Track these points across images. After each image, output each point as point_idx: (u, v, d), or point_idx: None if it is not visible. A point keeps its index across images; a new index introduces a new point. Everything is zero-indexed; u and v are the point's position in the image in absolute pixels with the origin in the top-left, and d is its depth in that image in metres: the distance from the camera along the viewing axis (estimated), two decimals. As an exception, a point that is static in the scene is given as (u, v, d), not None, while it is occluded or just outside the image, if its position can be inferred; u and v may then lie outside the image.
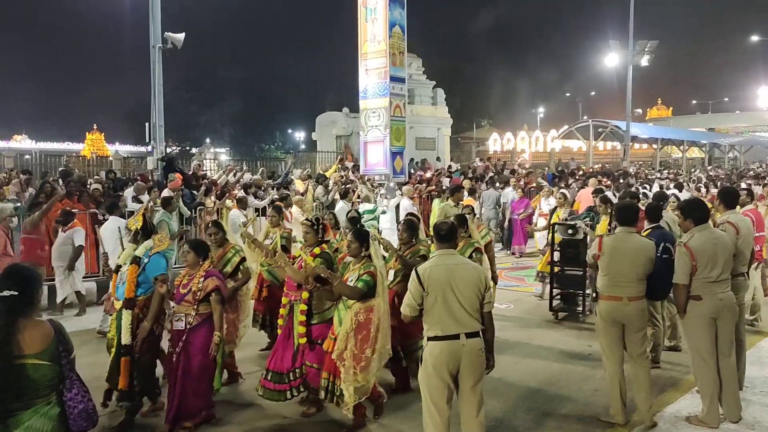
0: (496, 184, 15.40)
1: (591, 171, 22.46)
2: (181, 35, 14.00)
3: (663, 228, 5.95)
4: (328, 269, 4.75)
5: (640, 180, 19.28)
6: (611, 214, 7.43)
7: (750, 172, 27.87)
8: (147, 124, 14.64)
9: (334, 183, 13.17)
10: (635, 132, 31.33)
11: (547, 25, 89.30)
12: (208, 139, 50.02)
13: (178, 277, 5.04)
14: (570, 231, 7.92)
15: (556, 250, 8.17)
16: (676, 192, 12.29)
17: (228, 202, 10.82)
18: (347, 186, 12.55)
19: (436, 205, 11.37)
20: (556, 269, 8.17)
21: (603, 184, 15.34)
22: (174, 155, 20.41)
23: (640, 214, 5.49)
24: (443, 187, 14.26)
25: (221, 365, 4.99)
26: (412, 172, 18.43)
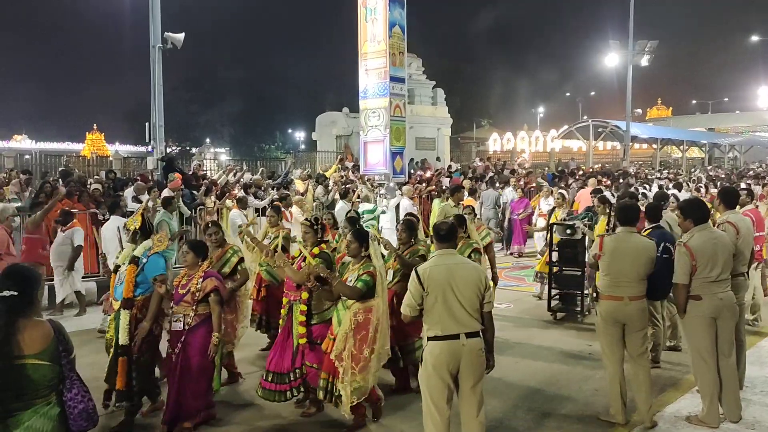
0: (495, 184, 15.41)
1: (591, 171, 22.45)
2: (181, 35, 14.00)
3: (663, 228, 5.95)
4: (327, 269, 4.75)
5: (639, 180, 19.28)
6: (609, 214, 7.43)
7: (750, 172, 27.88)
8: (147, 124, 14.65)
9: (334, 183, 13.16)
10: (635, 132, 31.34)
11: (547, 25, 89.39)
12: (208, 139, 50.03)
13: (177, 277, 5.04)
14: (568, 231, 7.91)
15: (554, 251, 8.17)
16: (676, 192, 12.30)
17: (228, 202, 10.82)
18: (347, 186, 12.54)
19: (436, 205, 11.36)
20: (554, 269, 8.18)
21: (603, 184, 15.35)
22: (174, 155, 20.42)
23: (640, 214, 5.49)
24: (443, 187, 14.26)
25: (220, 366, 4.99)
26: (412, 172, 18.43)
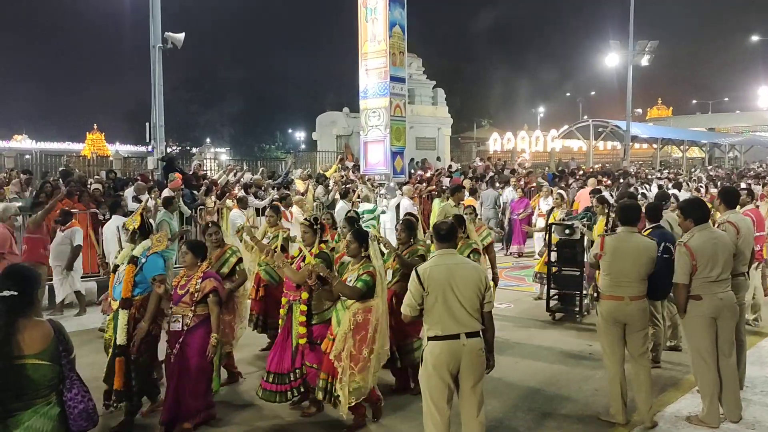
0: (495, 184, 15.40)
1: (591, 171, 22.45)
2: (181, 35, 13.99)
3: (663, 228, 5.95)
4: (326, 269, 4.74)
5: (640, 180, 19.28)
6: (608, 214, 7.42)
7: (750, 171, 27.88)
8: (147, 124, 14.65)
9: (334, 183, 13.16)
10: (635, 132, 31.35)
11: (547, 25, 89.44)
12: (208, 139, 50.03)
13: (176, 277, 5.03)
14: (567, 231, 7.89)
15: (553, 251, 8.15)
16: (676, 192, 12.30)
17: (228, 202, 10.83)
18: (347, 186, 12.54)
19: (437, 205, 11.36)
20: (553, 270, 8.16)
21: (603, 183, 15.34)
22: (174, 155, 20.42)
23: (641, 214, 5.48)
24: (443, 187, 14.26)
25: (219, 367, 4.98)
26: (413, 172, 18.43)
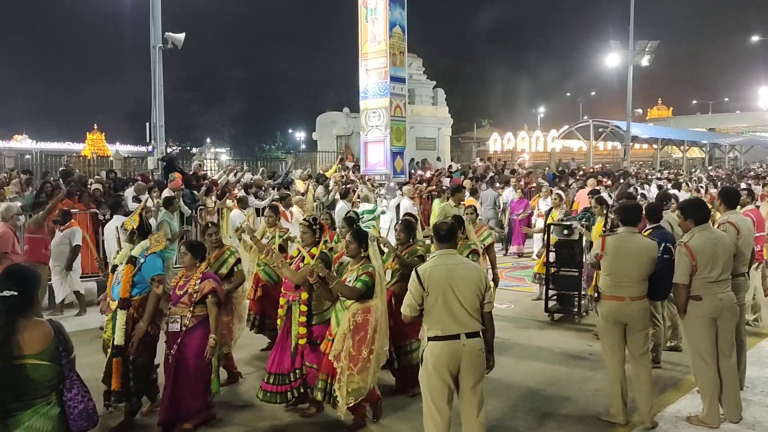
0: (495, 184, 15.40)
1: (591, 171, 22.45)
2: (182, 35, 13.98)
3: (664, 228, 5.94)
4: (326, 269, 4.73)
5: (640, 180, 19.27)
6: (606, 215, 7.40)
7: (750, 172, 27.88)
8: (147, 124, 14.63)
9: (334, 183, 13.16)
10: (636, 132, 31.35)
11: (547, 25, 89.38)
12: (208, 139, 50.03)
13: (175, 278, 5.03)
14: (565, 232, 7.87)
15: (551, 251, 8.13)
16: (676, 192, 12.28)
17: (228, 202, 10.83)
18: (348, 186, 12.54)
19: (437, 205, 11.36)
20: (552, 270, 8.13)
21: (603, 184, 15.33)
22: (174, 155, 20.38)
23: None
24: (443, 187, 14.26)
25: (218, 367, 4.97)
26: (413, 172, 18.43)
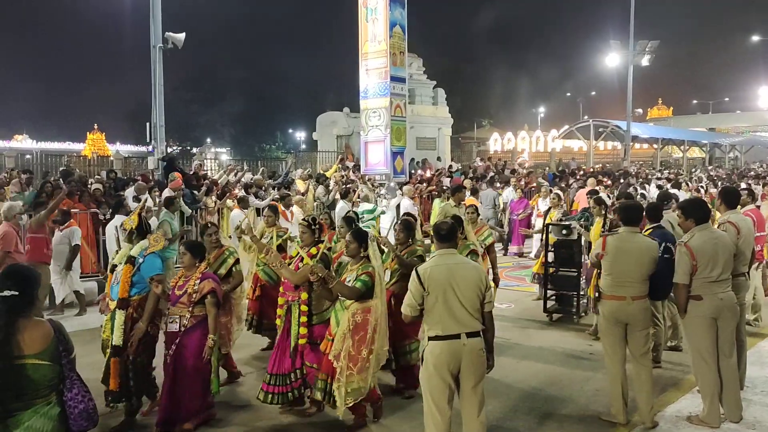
0: (495, 184, 15.40)
1: (591, 171, 22.45)
2: (182, 35, 13.98)
3: (664, 228, 5.94)
4: (325, 269, 4.72)
5: (640, 180, 19.27)
6: (605, 215, 7.40)
7: (751, 172, 27.87)
8: (148, 124, 14.63)
9: (334, 183, 13.16)
10: (636, 132, 31.34)
11: (547, 25, 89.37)
12: (208, 139, 50.09)
13: (174, 278, 5.02)
14: (564, 232, 7.84)
15: (550, 251, 8.11)
16: (676, 192, 12.28)
17: (228, 202, 10.83)
18: (348, 186, 12.54)
19: (437, 205, 11.36)
20: (550, 270, 8.11)
21: (604, 183, 15.33)
22: (175, 155, 20.36)
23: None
24: (443, 187, 14.26)
25: (217, 368, 4.97)
26: (413, 172, 18.44)
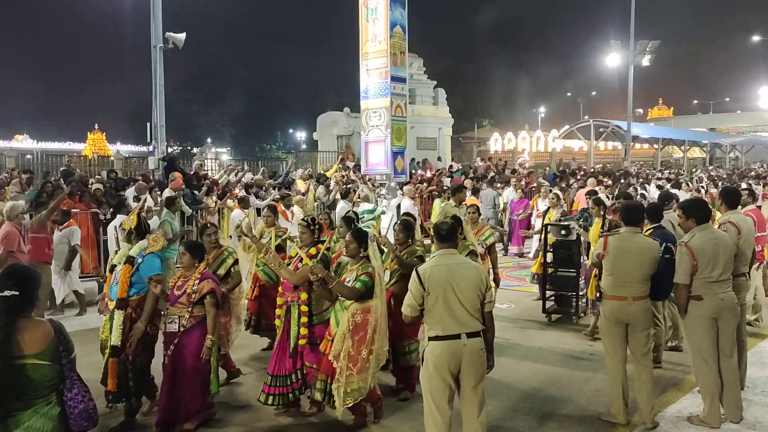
0: (495, 184, 15.40)
1: (592, 171, 22.45)
2: (182, 35, 13.99)
3: (664, 228, 5.94)
4: (325, 269, 4.72)
5: (640, 180, 19.26)
6: (604, 216, 7.39)
7: (751, 172, 27.85)
8: (148, 124, 14.63)
9: (335, 183, 13.16)
10: (636, 132, 31.31)
11: (547, 24, 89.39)
12: (209, 139, 50.12)
13: (173, 278, 5.02)
14: (563, 232, 7.82)
15: (549, 251, 8.09)
16: (676, 192, 12.27)
17: (229, 202, 10.83)
18: (348, 186, 12.55)
19: (437, 205, 11.36)
20: (549, 271, 8.09)
21: (604, 184, 15.34)
22: (175, 155, 20.41)
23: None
24: (444, 187, 14.26)
25: (216, 368, 4.96)
26: (413, 172, 18.45)
